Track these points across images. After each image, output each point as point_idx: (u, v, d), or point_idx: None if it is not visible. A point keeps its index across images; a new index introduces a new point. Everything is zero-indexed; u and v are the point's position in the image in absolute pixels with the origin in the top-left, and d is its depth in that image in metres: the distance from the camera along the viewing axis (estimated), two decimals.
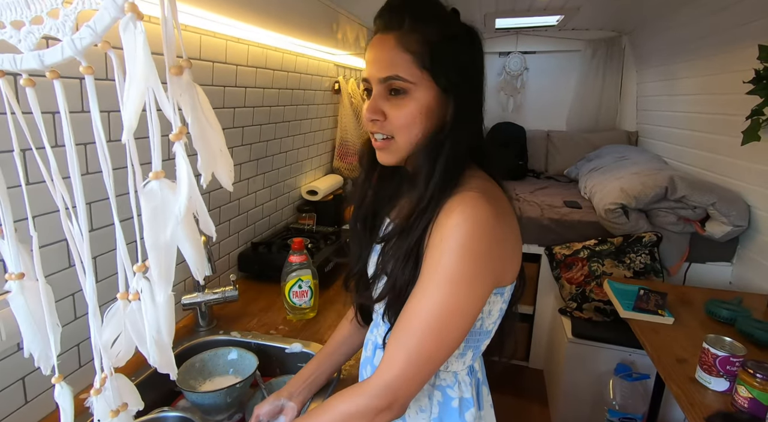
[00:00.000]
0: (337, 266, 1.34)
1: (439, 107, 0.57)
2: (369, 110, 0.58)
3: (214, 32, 0.99)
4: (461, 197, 0.53)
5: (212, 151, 0.37)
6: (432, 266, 0.52)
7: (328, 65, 1.65)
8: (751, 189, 1.71)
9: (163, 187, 0.35)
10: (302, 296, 1.05)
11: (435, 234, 0.53)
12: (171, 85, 0.33)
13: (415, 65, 0.55)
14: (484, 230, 0.51)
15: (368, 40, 0.62)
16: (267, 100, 1.29)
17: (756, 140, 1.55)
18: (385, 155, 0.60)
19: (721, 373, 0.95)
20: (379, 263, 0.61)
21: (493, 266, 0.53)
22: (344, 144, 1.83)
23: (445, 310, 0.51)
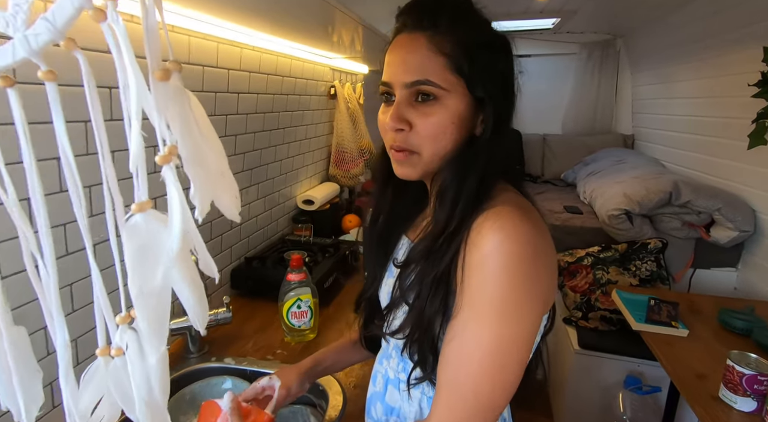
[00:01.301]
0: (337, 280, 1.27)
1: (470, 118, 0.51)
2: (393, 119, 0.50)
3: (205, 34, 0.92)
4: (496, 212, 0.46)
5: (210, 174, 0.30)
6: (474, 296, 0.45)
7: (323, 69, 1.58)
8: (756, 193, 1.68)
9: (149, 220, 0.28)
10: (301, 316, 0.98)
11: (470, 257, 0.46)
12: (156, 93, 0.26)
13: (449, 70, 0.49)
14: (529, 249, 0.45)
15: (390, 39, 0.55)
16: (261, 107, 1.22)
17: (763, 143, 1.52)
18: (406, 168, 0.54)
19: (748, 392, 0.90)
20: (396, 289, 0.54)
21: (541, 289, 0.47)
22: (340, 151, 1.76)
23: (499, 346, 0.44)
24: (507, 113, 0.53)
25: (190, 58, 0.89)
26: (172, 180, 0.28)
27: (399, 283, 0.54)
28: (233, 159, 1.15)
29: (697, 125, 2.10)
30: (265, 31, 1.01)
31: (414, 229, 0.63)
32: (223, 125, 1.08)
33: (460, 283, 0.47)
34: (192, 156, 0.28)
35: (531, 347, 0.47)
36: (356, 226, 1.75)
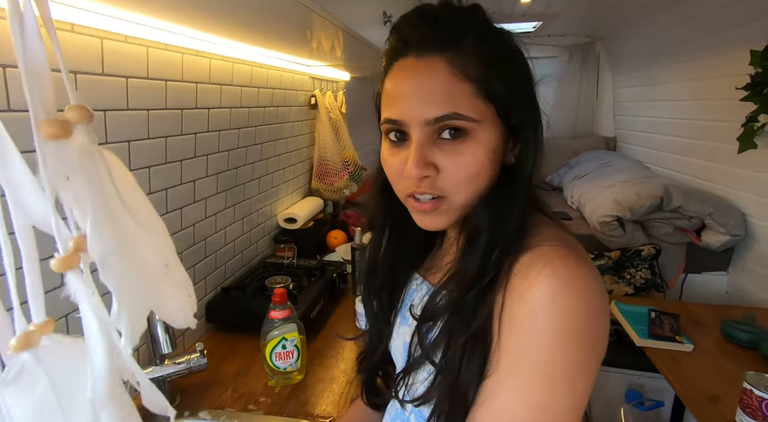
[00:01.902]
0: (325, 307, 1.17)
1: (503, 148, 0.44)
2: (417, 165, 0.41)
3: (166, 44, 0.81)
4: (544, 255, 0.38)
5: (146, 275, 0.21)
6: (515, 356, 0.38)
7: (303, 78, 1.48)
8: (746, 197, 1.67)
9: (47, 358, 0.19)
10: (287, 357, 0.88)
11: (512, 308, 0.38)
12: (46, 159, 0.17)
13: (478, 97, 0.40)
14: (588, 303, 0.37)
15: (384, 64, 0.46)
16: (235, 122, 1.11)
17: (753, 147, 1.51)
18: (433, 218, 0.44)
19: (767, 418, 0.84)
20: (416, 346, 0.46)
21: (598, 351, 0.39)
22: (323, 163, 1.66)
23: (545, 417, 0.37)
24: (540, 135, 0.45)
25: (149, 72, 0.78)
26: (83, 293, 0.18)
27: (418, 339, 0.45)
28: (205, 181, 1.03)
29: (683, 128, 2.09)
30: (236, 38, 0.91)
31: (429, 266, 0.55)
32: (192, 145, 0.96)
33: (497, 337, 0.39)
34: (111, 253, 0.18)
35: (580, 416, 0.39)
36: (343, 242, 1.65)
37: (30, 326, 0.18)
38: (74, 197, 0.16)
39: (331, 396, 0.86)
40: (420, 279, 0.54)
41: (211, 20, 0.74)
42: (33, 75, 0.16)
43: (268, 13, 0.80)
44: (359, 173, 1.83)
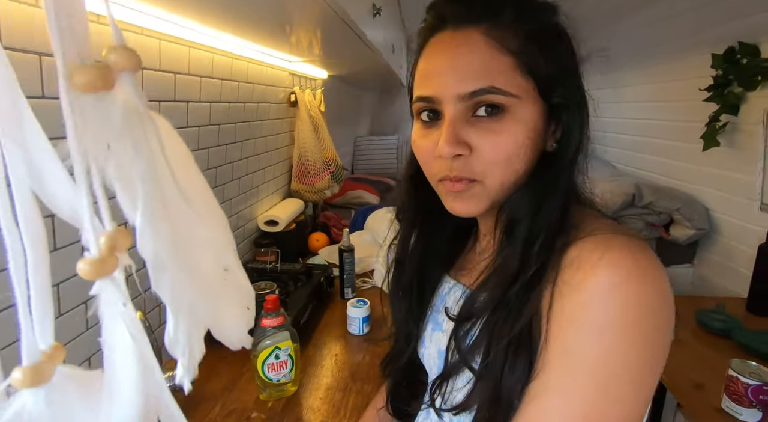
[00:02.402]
0: (314, 313, 1.11)
1: (543, 130, 0.41)
2: (449, 142, 0.38)
3: (143, 28, 0.73)
4: (602, 242, 0.35)
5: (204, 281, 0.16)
6: (569, 354, 0.34)
7: (282, 74, 1.42)
8: (710, 193, 1.77)
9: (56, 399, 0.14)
10: (281, 368, 0.82)
11: (565, 302, 0.35)
12: (77, 122, 0.12)
13: (519, 71, 0.38)
14: (655, 296, 0.34)
15: (420, 43, 0.43)
16: (215, 117, 1.03)
17: (716, 145, 1.60)
18: (465, 203, 0.41)
19: (754, 403, 0.88)
20: (453, 350, 0.42)
21: (663, 351, 0.35)
22: (303, 163, 1.60)
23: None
24: (586, 120, 0.42)
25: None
26: (115, 308, 0.13)
27: (455, 343, 0.42)
28: None
29: (649, 128, 2.20)
30: (215, 25, 0.84)
31: (460, 267, 0.51)
32: None
33: (544, 336, 0.35)
34: (166, 253, 0.14)
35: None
36: (325, 245, 1.60)
37: (40, 354, 0.14)
38: (118, 175, 0.12)
39: (329, 407, 0.81)
40: (452, 282, 0.51)
41: (190, 2, 0.68)
42: (63, 5, 0.11)
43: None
44: (341, 173, 1.78)
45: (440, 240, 0.52)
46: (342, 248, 1.20)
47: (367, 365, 0.93)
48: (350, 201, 2.44)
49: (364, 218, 1.65)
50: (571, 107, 0.40)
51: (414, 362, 0.54)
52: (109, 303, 0.14)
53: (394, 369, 0.56)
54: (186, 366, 0.14)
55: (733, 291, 1.63)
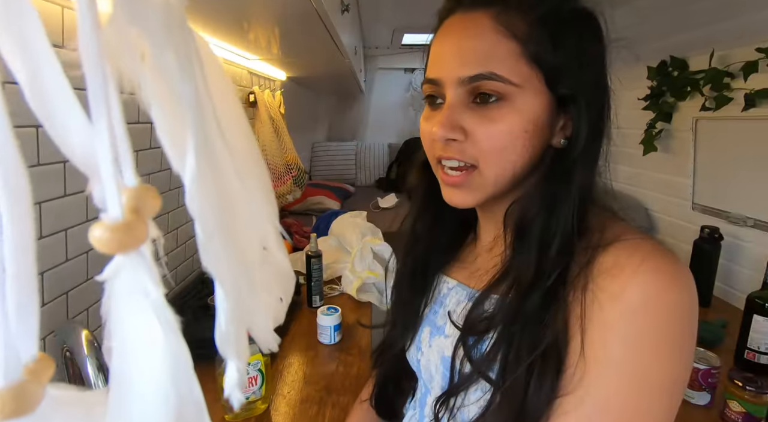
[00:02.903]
0: (288, 319, 1.05)
1: (548, 124, 0.39)
2: (443, 125, 0.37)
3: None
4: (635, 246, 0.34)
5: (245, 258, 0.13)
6: (610, 366, 0.32)
7: (241, 72, 1.35)
8: (648, 194, 1.92)
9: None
10: (250, 385, 0.75)
11: (605, 312, 0.33)
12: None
13: (523, 59, 0.36)
14: (692, 303, 0.33)
15: (435, 26, 0.41)
16: None
17: (654, 150, 1.75)
18: (461, 193, 0.40)
19: (704, 387, 0.95)
20: (463, 359, 0.39)
21: (692, 357, 0.35)
22: None
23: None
24: (601, 115, 0.40)
25: (66, 41, 0.62)
26: (138, 298, 0.10)
27: (465, 351, 0.39)
28: None
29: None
30: None
31: (460, 266, 0.49)
32: None
33: (578, 349, 0.33)
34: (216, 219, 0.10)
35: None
36: (288, 252, 1.53)
37: (23, 370, 0.09)
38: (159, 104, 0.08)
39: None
40: (453, 282, 0.48)
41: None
42: None
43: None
44: (303, 177, 1.72)
45: (444, 229, 0.51)
46: (309, 253, 1.15)
47: (341, 375, 0.88)
48: (311, 207, 2.37)
49: (327, 224, 1.60)
50: (578, 100, 0.38)
51: (404, 360, 0.51)
52: (130, 290, 0.10)
53: (386, 360, 0.53)
54: (241, 370, 0.11)
55: None
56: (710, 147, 1.54)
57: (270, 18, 0.86)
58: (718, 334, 1.18)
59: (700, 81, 1.47)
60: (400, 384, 0.55)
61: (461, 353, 0.40)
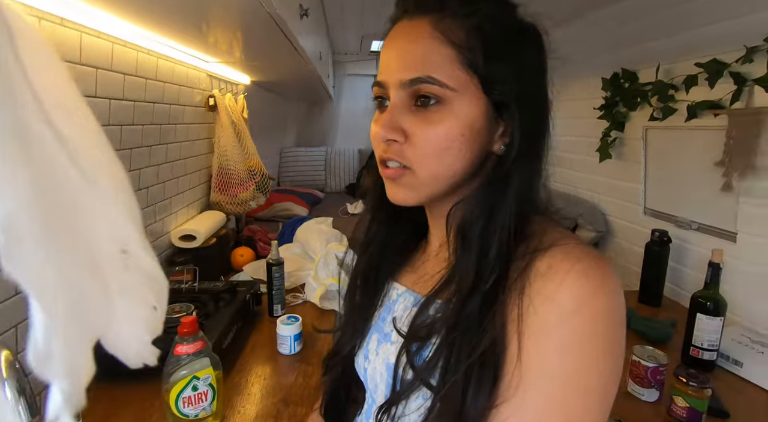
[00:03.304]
0: (239, 335, 1.01)
1: (486, 130, 0.40)
2: (384, 126, 0.39)
3: (23, 3, 0.61)
4: (568, 251, 0.35)
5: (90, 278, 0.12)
6: (547, 369, 0.33)
7: (199, 75, 1.31)
8: (605, 199, 2.01)
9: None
10: (199, 401, 0.72)
11: (540, 315, 0.34)
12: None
13: (459, 65, 0.37)
14: (619, 305, 0.34)
15: (388, 29, 0.42)
16: (117, 117, 0.90)
17: (609, 157, 1.83)
18: (399, 190, 0.41)
19: (653, 384, 0.99)
20: (405, 366, 0.39)
21: (623, 356, 0.36)
22: (225, 172, 1.48)
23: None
24: (539, 124, 0.41)
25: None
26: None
27: (408, 357, 0.39)
28: None
29: (555, 143, 2.44)
30: (114, 11, 0.74)
31: (410, 274, 0.49)
32: None
33: (515, 353, 0.34)
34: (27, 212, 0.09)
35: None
36: (250, 260, 1.49)
37: None
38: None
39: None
40: (402, 289, 0.48)
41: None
42: None
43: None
44: (267, 183, 1.68)
45: (396, 234, 0.51)
46: (270, 261, 1.12)
47: (300, 386, 0.86)
48: (277, 214, 2.33)
49: (293, 231, 1.58)
50: (512, 107, 0.39)
51: (354, 375, 0.50)
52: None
53: (336, 367, 0.53)
54: (66, 392, 0.10)
55: (627, 285, 1.85)
56: (659, 155, 1.64)
57: (227, 22, 0.84)
58: (667, 333, 1.24)
59: (648, 93, 1.55)
60: (350, 393, 0.54)
61: (404, 360, 0.40)
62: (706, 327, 1.08)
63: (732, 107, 1.23)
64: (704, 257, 1.11)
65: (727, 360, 1.10)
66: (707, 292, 1.09)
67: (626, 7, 1.68)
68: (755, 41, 1.13)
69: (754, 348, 1.10)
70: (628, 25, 1.70)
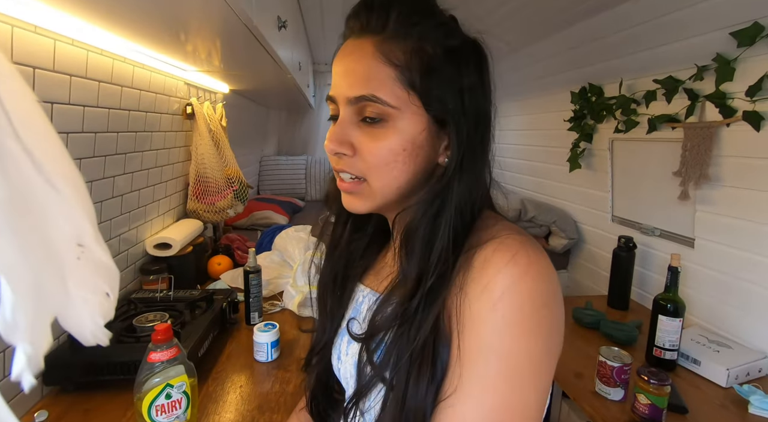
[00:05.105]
0: (215, 343, 1.01)
1: (429, 143, 0.43)
2: (333, 140, 0.42)
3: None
4: (502, 243, 0.37)
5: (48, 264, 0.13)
6: (479, 352, 0.35)
7: (176, 83, 1.31)
8: (576, 207, 2.09)
9: None
10: (173, 409, 0.71)
11: (474, 306, 0.36)
12: None
13: (399, 84, 0.40)
14: (547, 288, 0.36)
15: (336, 48, 0.45)
16: (90, 124, 0.90)
17: (579, 167, 1.91)
18: (354, 200, 0.44)
19: (618, 383, 1.03)
20: (365, 364, 0.41)
21: (558, 340, 0.38)
22: (202, 181, 1.48)
23: (509, 416, 0.35)
24: (478, 137, 0.43)
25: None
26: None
27: (367, 355, 0.41)
28: None
29: (527, 152, 2.53)
30: (89, 19, 0.74)
31: (373, 276, 0.52)
32: None
33: (456, 346, 0.36)
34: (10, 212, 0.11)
35: (542, 415, 0.38)
36: (227, 269, 1.48)
37: None
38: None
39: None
40: (366, 290, 0.51)
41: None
42: None
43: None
44: (245, 191, 1.68)
45: (360, 239, 0.53)
46: (247, 269, 1.12)
47: (276, 393, 0.86)
48: (256, 222, 2.31)
49: (272, 239, 1.58)
50: (450, 123, 0.41)
51: (331, 368, 0.52)
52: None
53: (315, 364, 0.55)
54: (29, 354, 0.11)
55: (597, 290, 1.93)
56: (624, 165, 1.72)
57: (204, 32, 0.86)
58: (631, 334, 1.29)
59: (613, 106, 1.64)
60: (331, 390, 0.56)
61: (365, 357, 0.42)
62: (667, 328, 1.14)
63: (686, 120, 1.32)
64: (667, 262, 1.18)
65: (686, 359, 1.16)
66: (668, 295, 1.16)
67: (590, 27, 1.78)
68: (705, 60, 1.22)
69: (710, 347, 1.17)
70: (594, 43, 1.79)
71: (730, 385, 1.07)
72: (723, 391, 1.06)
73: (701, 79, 1.25)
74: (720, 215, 1.27)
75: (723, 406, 1.01)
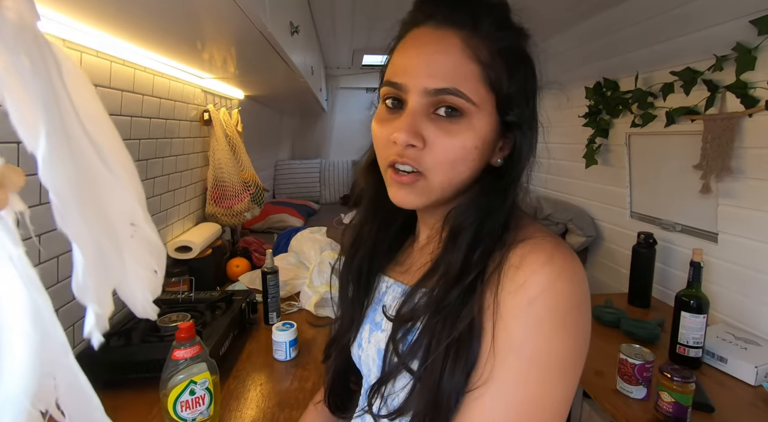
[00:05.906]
0: (235, 342, 1.03)
1: (493, 144, 0.43)
2: (406, 131, 0.39)
3: None
4: (538, 244, 0.38)
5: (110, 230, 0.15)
6: (512, 348, 0.36)
7: (194, 90, 1.35)
8: (593, 204, 2.05)
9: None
10: (196, 405, 0.74)
11: (509, 303, 0.37)
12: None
13: (482, 82, 0.40)
14: (581, 290, 0.37)
15: (399, 32, 0.44)
16: None
17: (595, 163, 1.88)
18: (408, 194, 0.42)
19: (640, 381, 1.01)
20: (392, 353, 0.42)
21: (586, 340, 0.39)
22: (220, 185, 1.51)
23: (539, 414, 0.35)
24: (533, 140, 0.45)
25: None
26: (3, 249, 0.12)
27: (393, 344, 0.42)
28: None
29: (541, 150, 2.49)
30: (114, 33, 0.78)
31: (398, 265, 0.52)
32: None
33: (490, 339, 0.37)
34: (70, 189, 0.12)
35: (566, 414, 0.39)
36: (245, 271, 1.51)
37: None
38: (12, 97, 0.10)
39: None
40: (390, 281, 0.52)
41: (85, 6, 0.62)
42: None
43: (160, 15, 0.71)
44: (261, 194, 1.71)
45: (388, 233, 0.53)
46: (265, 270, 1.14)
47: (295, 391, 0.88)
48: (272, 225, 2.35)
49: (288, 242, 1.60)
50: (523, 127, 0.43)
51: (351, 359, 0.53)
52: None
53: (336, 354, 0.55)
54: (98, 313, 0.13)
55: (617, 288, 1.89)
56: (642, 160, 1.69)
57: (220, 40, 0.89)
58: (653, 332, 1.27)
59: (629, 100, 1.61)
60: (350, 380, 0.57)
61: (391, 346, 0.43)
62: (690, 325, 1.11)
63: (706, 112, 1.29)
64: (689, 258, 1.15)
65: (712, 356, 1.13)
66: (690, 291, 1.13)
67: (604, 20, 1.76)
68: (724, 50, 1.19)
69: (737, 344, 1.14)
70: (608, 37, 1.77)
71: (759, 383, 1.03)
72: (752, 389, 1.03)
73: (721, 69, 1.22)
74: (744, 208, 1.23)
75: (753, 405, 0.98)
